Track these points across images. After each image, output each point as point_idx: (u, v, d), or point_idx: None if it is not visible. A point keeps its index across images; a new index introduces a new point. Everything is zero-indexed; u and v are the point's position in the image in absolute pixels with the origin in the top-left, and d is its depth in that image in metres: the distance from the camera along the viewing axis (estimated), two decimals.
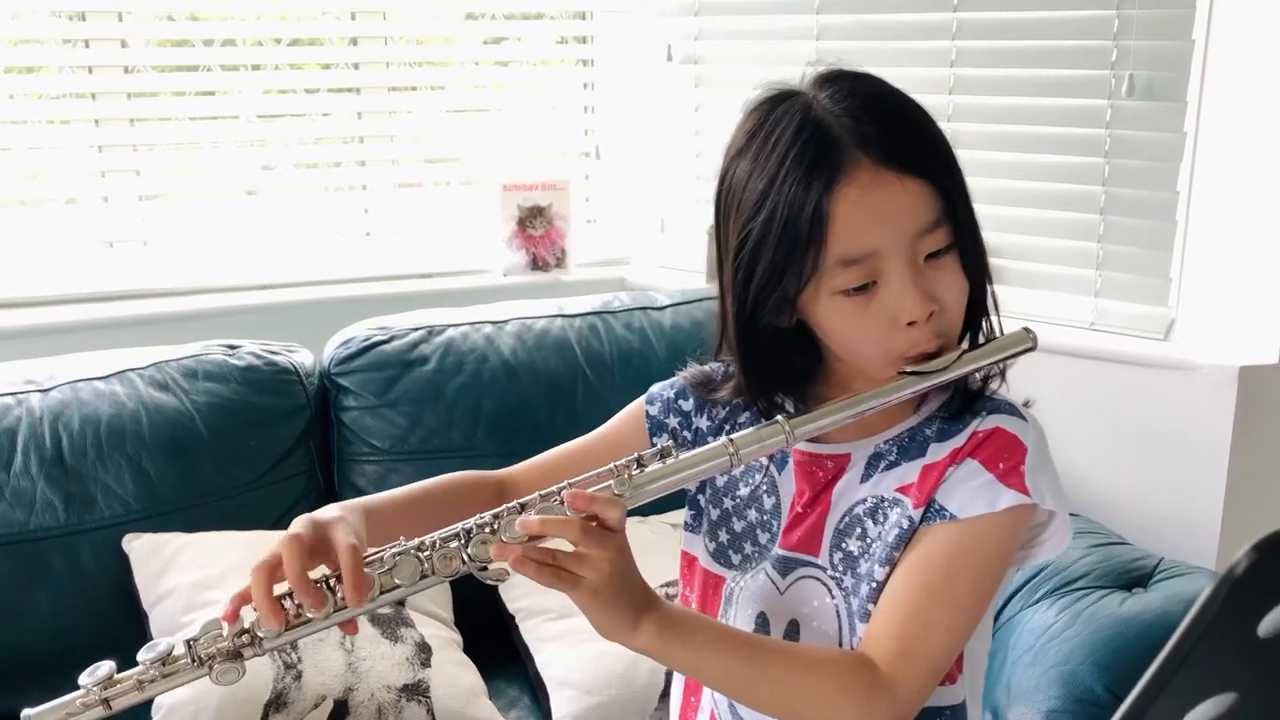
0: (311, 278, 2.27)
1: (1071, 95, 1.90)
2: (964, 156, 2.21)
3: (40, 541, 1.65)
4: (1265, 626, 0.43)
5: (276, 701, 1.49)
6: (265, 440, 1.79)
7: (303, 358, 1.88)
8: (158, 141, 2.21)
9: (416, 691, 1.55)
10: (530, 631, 1.68)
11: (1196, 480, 1.79)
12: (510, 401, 1.86)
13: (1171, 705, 0.45)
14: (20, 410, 1.69)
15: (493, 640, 1.72)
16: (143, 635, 1.63)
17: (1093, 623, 1.48)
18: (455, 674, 1.60)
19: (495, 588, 1.74)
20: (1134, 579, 1.59)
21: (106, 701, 0.82)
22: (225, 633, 0.83)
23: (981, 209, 2.27)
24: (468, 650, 1.67)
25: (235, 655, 0.83)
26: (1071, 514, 1.82)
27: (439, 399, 1.85)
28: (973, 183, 2.27)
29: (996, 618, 1.63)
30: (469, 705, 1.57)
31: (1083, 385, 1.92)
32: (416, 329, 1.91)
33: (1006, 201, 1.99)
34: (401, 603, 1.65)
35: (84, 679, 0.82)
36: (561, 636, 1.64)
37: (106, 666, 0.82)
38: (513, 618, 1.72)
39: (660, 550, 1.75)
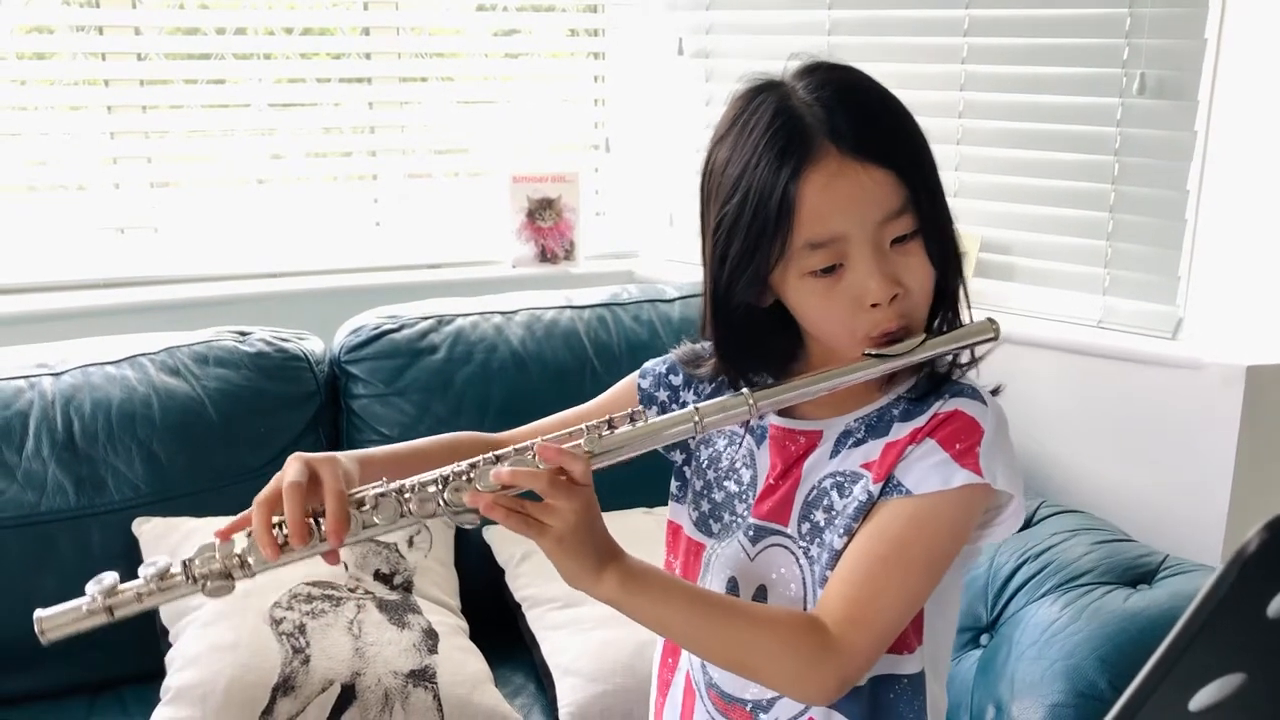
0: (322, 266, 2.28)
1: (1082, 93, 1.90)
2: (973, 153, 2.21)
3: (50, 524, 1.66)
4: (1275, 607, 0.44)
5: (284, 685, 1.50)
6: (275, 426, 1.80)
7: (313, 345, 1.89)
8: (169, 129, 2.22)
9: (423, 677, 1.56)
10: (536, 620, 1.69)
11: (1202, 478, 1.79)
12: (519, 391, 1.87)
13: (1179, 685, 0.46)
14: (32, 393, 1.70)
15: (499, 628, 1.73)
16: (151, 619, 1.64)
17: (1097, 618, 1.49)
18: (461, 661, 1.61)
19: (502, 574, 1.76)
20: (1139, 575, 1.59)
21: (110, 609, 0.87)
22: (217, 555, 0.88)
23: (990, 205, 2.26)
24: (474, 637, 1.68)
25: (226, 576, 0.88)
26: (1076, 510, 1.84)
27: (448, 388, 1.86)
28: (982, 179, 2.26)
29: (1000, 612, 1.64)
30: (475, 692, 1.58)
31: (1090, 383, 1.92)
32: (426, 318, 1.92)
33: (1016, 199, 2.00)
34: (409, 588, 1.66)
35: (90, 587, 0.87)
36: (567, 625, 1.65)
37: (111, 576, 0.88)
38: (519, 606, 1.72)
39: (663, 540, 1.76)
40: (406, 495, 0.89)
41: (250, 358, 1.81)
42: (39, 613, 0.87)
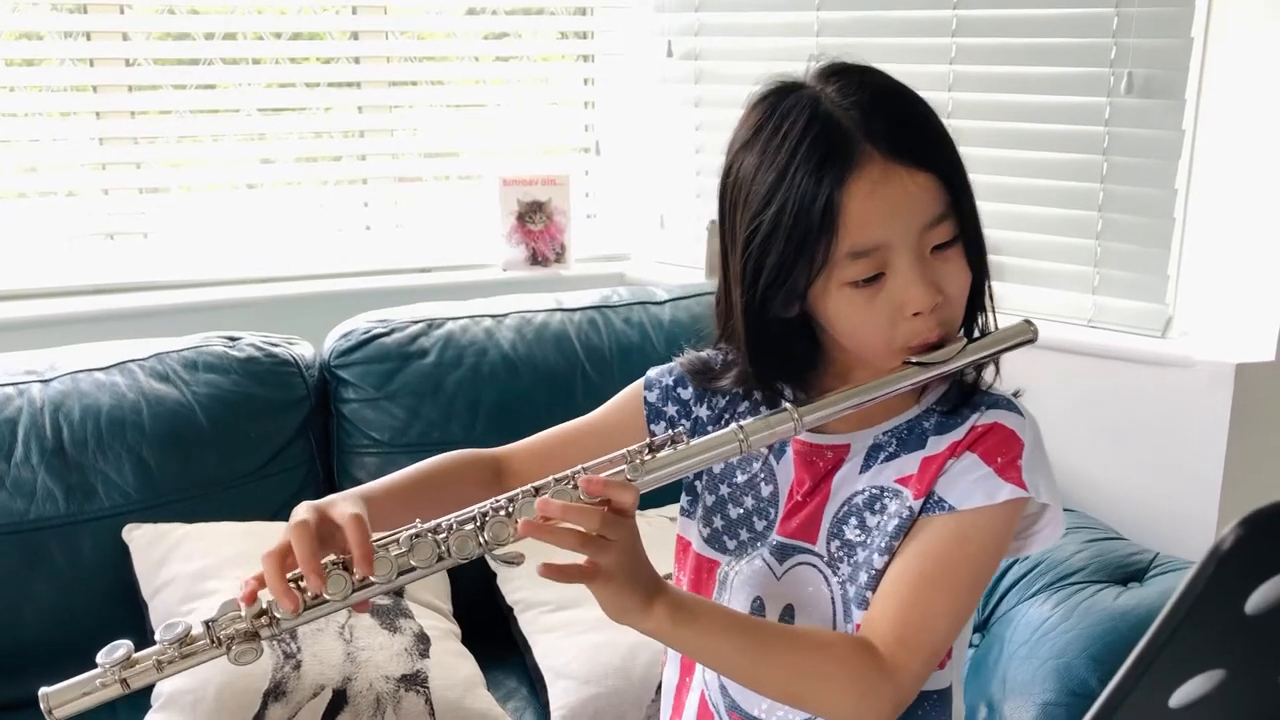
0: (312, 271, 2.27)
1: (1070, 93, 1.91)
2: (962, 153, 2.21)
3: (40, 531, 1.65)
4: (1253, 602, 0.44)
5: (275, 691, 1.50)
6: (265, 431, 1.79)
7: (303, 350, 1.89)
8: (159, 134, 2.21)
9: (415, 682, 1.55)
10: (528, 623, 1.69)
11: (1192, 476, 1.80)
12: (509, 395, 1.87)
13: (1160, 681, 0.46)
14: (21, 400, 1.69)
15: (491, 631, 1.73)
16: (143, 625, 1.64)
17: (1088, 617, 1.49)
18: (453, 665, 1.60)
19: (494, 578, 1.75)
20: (1129, 574, 1.60)
21: (124, 681, 0.82)
22: (243, 614, 0.83)
23: (980, 206, 2.27)
24: (466, 641, 1.68)
25: (253, 636, 0.83)
26: (1068, 509, 1.84)
27: (438, 392, 1.86)
28: (971, 179, 2.27)
29: (991, 611, 1.64)
30: (467, 696, 1.58)
31: (1080, 381, 1.92)
32: (416, 322, 1.91)
33: (1005, 198, 2.00)
34: (400, 593, 1.66)
35: (101, 658, 0.82)
36: (559, 628, 1.64)
37: (124, 648, 0.83)
38: (511, 609, 1.72)
39: (660, 544, 1.76)
40: (443, 534, 0.84)
41: (240, 363, 1.81)
42: (44, 690, 0.82)
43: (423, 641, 1.60)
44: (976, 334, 0.94)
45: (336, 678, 1.53)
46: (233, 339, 1.85)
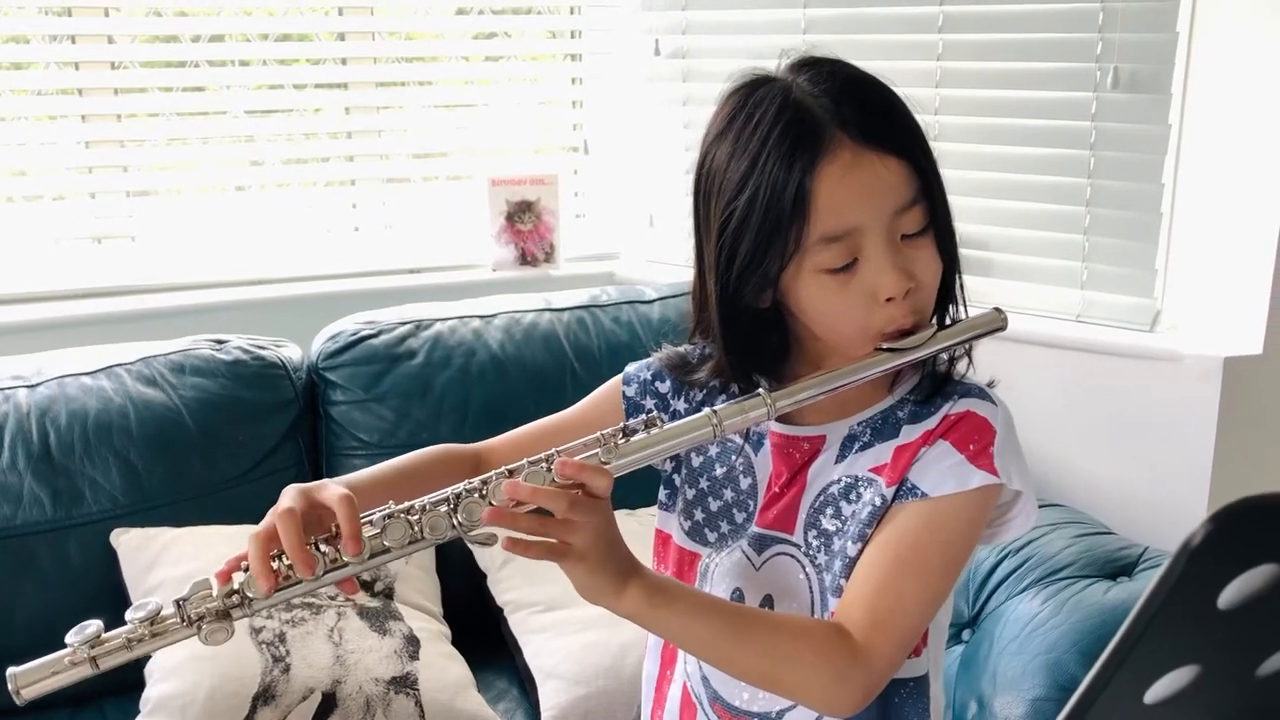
0: (300, 273, 2.26)
1: (1056, 88, 1.91)
2: (949, 149, 2.21)
3: (28, 537, 1.65)
4: (1225, 598, 0.44)
5: (265, 694, 1.50)
6: (253, 435, 1.79)
7: (290, 352, 1.88)
8: (146, 138, 2.20)
9: (405, 684, 1.55)
10: (519, 624, 1.69)
11: (1181, 470, 1.80)
12: (498, 395, 1.87)
13: (1134, 677, 0.45)
14: (7, 406, 1.69)
15: (481, 633, 1.73)
16: None
17: (1077, 612, 1.49)
18: (444, 666, 1.60)
19: (484, 579, 1.75)
20: (1119, 568, 1.60)
21: (94, 660, 0.81)
22: (215, 593, 0.83)
23: (967, 201, 2.28)
24: (456, 643, 1.67)
25: (224, 615, 0.83)
26: (1056, 503, 1.84)
27: (427, 393, 1.85)
28: (958, 175, 2.27)
29: (981, 607, 1.64)
30: (457, 697, 1.57)
31: (1068, 377, 1.93)
32: (404, 323, 1.91)
33: (992, 194, 2.00)
34: (390, 595, 1.65)
35: (71, 637, 0.82)
36: (549, 628, 1.64)
37: (94, 625, 0.82)
38: (501, 610, 1.72)
39: (648, 541, 1.76)
40: (416, 516, 0.84)
41: (227, 366, 1.80)
42: (12, 670, 0.82)
43: (412, 643, 1.60)
44: (948, 323, 0.96)
45: (326, 680, 1.52)
46: (220, 342, 1.85)
